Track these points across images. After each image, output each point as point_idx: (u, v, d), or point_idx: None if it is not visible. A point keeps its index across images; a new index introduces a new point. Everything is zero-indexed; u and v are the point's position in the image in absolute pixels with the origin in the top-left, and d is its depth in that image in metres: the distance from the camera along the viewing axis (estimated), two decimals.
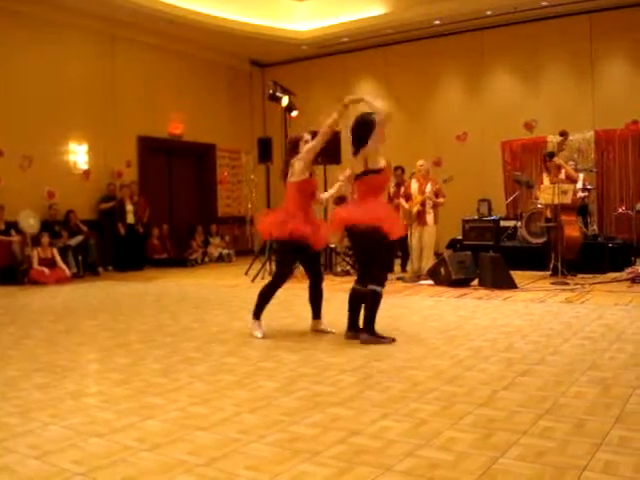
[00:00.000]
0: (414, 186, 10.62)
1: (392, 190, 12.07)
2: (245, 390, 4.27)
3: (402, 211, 11.06)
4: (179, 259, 14.56)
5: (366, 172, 5.72)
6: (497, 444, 3.13)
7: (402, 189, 11.44)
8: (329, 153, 11.83)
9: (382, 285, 5.75)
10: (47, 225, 12.37)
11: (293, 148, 6.18)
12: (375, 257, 5.75)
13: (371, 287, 5.67)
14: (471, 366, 4.72)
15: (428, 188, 10.46)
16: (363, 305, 5.78)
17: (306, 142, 6.15)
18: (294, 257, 6.24)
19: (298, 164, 6.03)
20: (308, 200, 6.15)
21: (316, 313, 6.32)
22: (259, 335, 6.02)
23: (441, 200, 10.48)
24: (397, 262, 11.79)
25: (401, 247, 11.51)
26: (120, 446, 3.26)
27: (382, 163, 5.80)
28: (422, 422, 3.50)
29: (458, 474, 2.81)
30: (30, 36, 12.77)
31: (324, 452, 3.10)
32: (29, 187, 12.44)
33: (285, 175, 6.16)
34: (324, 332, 6.23)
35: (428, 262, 10.42)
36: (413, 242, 10.52)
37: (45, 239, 11.75)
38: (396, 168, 12.09)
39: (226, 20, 14.78)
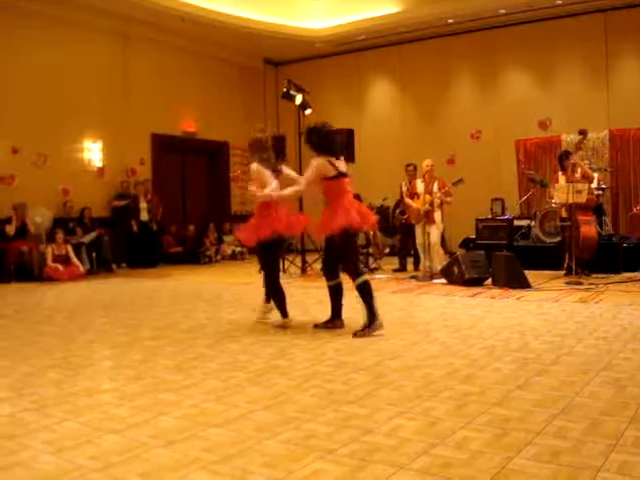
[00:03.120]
0: (420, 186, 10.60)
1: (405, 188, 12.06)
2: (259, 387, 4.28)
3: (410, 210, 11.06)
4: (192, 255, 14.57)
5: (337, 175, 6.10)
6: (512, 444, 3.12)
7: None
8: (344, 152, 11.86)
9: (364, 274, 6.19)
10: (61, 222, 12.44)
11: (261, 147, 6.51)
12: (349, 254, 6.20)
13: (359, 281, 6.04)
14: (485, 365, 4.71)
15: (435, 187, 10.43)
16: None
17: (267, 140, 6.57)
18: (272, 253, 6.54)
19: (258, 176, 6.39)
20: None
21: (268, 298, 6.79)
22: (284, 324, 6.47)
23: (449, 199, 10.45)
24: (410, 261, 11.77)
25: (414, 246, 11.49)
26: (135, 442, 3.27)
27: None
28: (436, 421, 3.49)
29: (473, 473, 2.81)
30: (45, 35, 12.84)
31: (338, 450, 3.11)
32: (44, 184, 12.51)
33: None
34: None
35: (439, 261, 10.39)
36: (420, 240, 10.50)
37: (59, 236, 11.81)
38: (408, 165, 12.06)
39: (240, 18, 14.79)
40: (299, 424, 3.50)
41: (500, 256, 9.37)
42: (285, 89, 11.64)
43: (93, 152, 13.78)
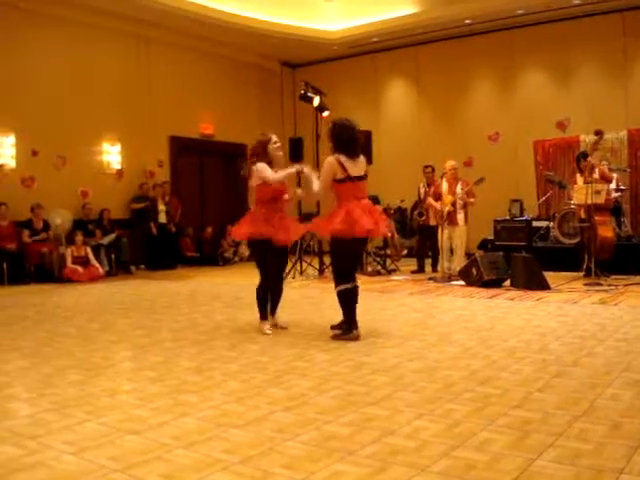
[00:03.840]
0: (444, 186, 10.58)
1: (422, 190, 12.05)
2: (279, 389, 4.28)
3: (432, 211, 11.04)
4: (211, 257, 14.61)
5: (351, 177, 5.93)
6: (533, 446, 3.11)
7: (432, 188, 11.41)
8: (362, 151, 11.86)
9: (348, 282, 5.93)
10: (81, 224, 12.53)
11: (264, 150, 6.39)
12: (336, 261, 6.11)
13: (338, 288, 5.93)
14: (505, 367, 4.69)
15: (458, 188, 10.41)
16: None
17: (274, 143, 6.39)
18: (264, 254, 6.36)
19: (258, 174, 6.29)
20: (270, 202, 6.38)
21: (272, 310, 6.59)
22: (269, 331, 6.26)
23: (472, 200, 10.43)
24: (428, 262, 11.76)
25: (432, 247, 11.48)
26: (156, 443, 3.29)
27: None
28: (457, 423, 3.48)
29: (494, 475, 2.80)
30: (65, 38, 12.94)
31: (359, 451, 3.10)
32: (63, 186, 12.62)
33: (249, 174, 6.47)
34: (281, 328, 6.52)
35: (459, 262, 10.38)
36: (443, 242, 10.48)
37: (79, 238, 11.91)
38: (426, 167, 12.05)
39: (257, 21, 14.83)
40: (319, 425, 3.51)
41: (519, 257, 9.34)
42: (303, 91, 11.65)
43: (112, 154, 13.86)
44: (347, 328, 5.91)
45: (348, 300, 5.92)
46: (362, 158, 6.08)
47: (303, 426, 3.50)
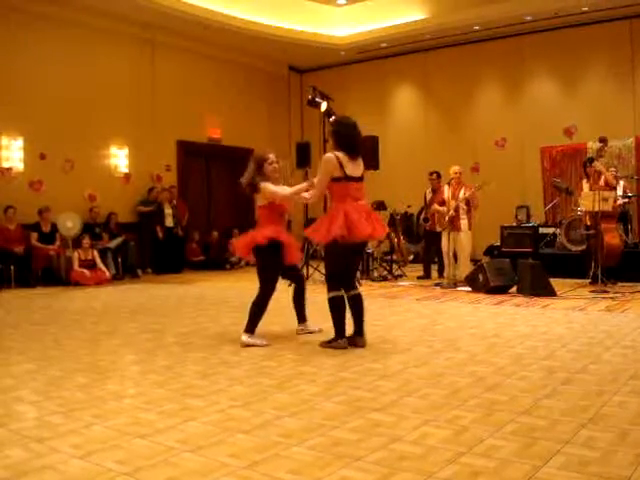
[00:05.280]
0: (447, 191, 10.58)
1: (429, 196, 12.04)
2: (285, 394, 4.29)
3: (437, 216, 11.04)
4: (217, 262, 14.63)
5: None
6: (540, 453, 3.10)
7: (439, 195, 11.41)
8: (368, 159, 11.85)
9: (331, 290, 5.82)
10: (88, 227, 12.56)
11: (259, 167, 6.23)
12: (331, 266, 5.92)
13: (329, 295, 5.82)
14: (512, 373, 4.69)
15: (461, 194, 10.41)
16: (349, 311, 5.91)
17: (270, 164, 6.24)
18: (276, 264, 6.21)
19: (264, 193, 6.13)
20: (278, 218, 6.30)
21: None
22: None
23: (473, 207, 10.41)
24: (435, 268, 11.75)
25: (438, 253, 11.47)
26: (163, 447, 3.29)
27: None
28: (463, 429, 3.48)
29: None
30: (73, 42, 13.00)
31: (365, 457, 3.10)
32: (71, 190, 12.68)
33: (252, 189, 6.24)
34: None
35: (465, 268, 10.36)
36: (445, 248, 10.47)
37: (86, 241, 11.95)
38: (432, 173, 12.04)
39: (265, 26, 14.87)
40: (325, 431, 3.51)
41: (525, 264, 9.32)
42: (310, 96, 11.65)
43: (119, 158, 13.91)
44: (336, 335, 5.76)
45: (338, 308, 5.75)
46: (360, 160, 5.89)
47: (309, 431, 3.50)
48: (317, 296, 6.28)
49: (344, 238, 5.60)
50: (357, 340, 5.84)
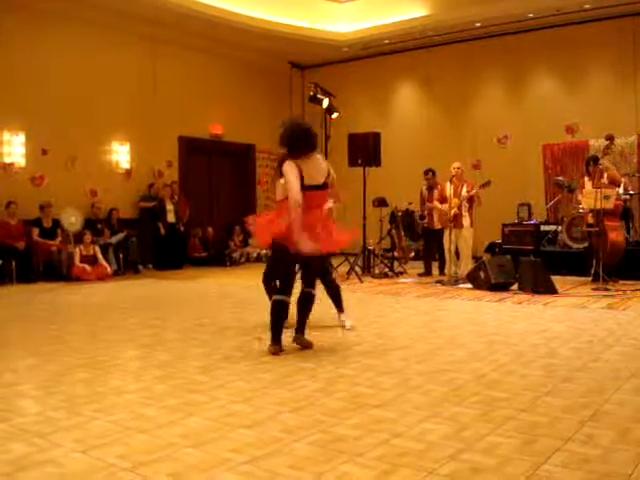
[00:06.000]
0: (449, 189, 10.56)
1: (425, 193, 12.02)
2: (285, 390, 4.29)
3: (437, 214, 11.04)
4: (218, 258, 14.64)
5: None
6: (540, 450, 3.11)
7: (435, 192, 11.41)
8: (370, 156, 11.87)
9: (275, 293, 5.56)
10: (90, 223, 12.56)
11: (280, 165, 5.82)
12: (274, 268, 5.78)
13: (273, 298, 5.55)
14: (512, 371, 4.69)
15: (464, 191, 10.41)
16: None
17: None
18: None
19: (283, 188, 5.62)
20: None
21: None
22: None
23: (477, 205, 10.43)
24: (435, 265, 11.75)
25: (438, 250, 11.47)
26: (164, 442, 3.30)
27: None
28: (464, 426, 3.48)
29: (501, 479, 2.80)
30: (75, 38, 12.97)
31: (366, 453, 3.11)
32: (73, 185, 12.67)
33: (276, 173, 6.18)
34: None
35: (466, 266, 10.37)
36: (447, 245, 10.47)
37: (87, 237, 11.93)
38: (427, 171, 12.01)
39: (267, 22, 14.83)
40: (326, 427, 3.51)
41: (527, 261, 9.32)
42: (312, 93, 11.65)
43: (121, 154, 13.90)
44: (272, 339, 5.42)
45: (276, 314, 5.43)
46: (322, 161, 5.58)
47: (310, 427, 3.50)
48: (318, 293, 6.25)
49: (285, 240, 5.27)
50: (298, 339, 5.63)
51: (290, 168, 5.32)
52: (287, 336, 5.75)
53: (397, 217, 12.51)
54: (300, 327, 5.66)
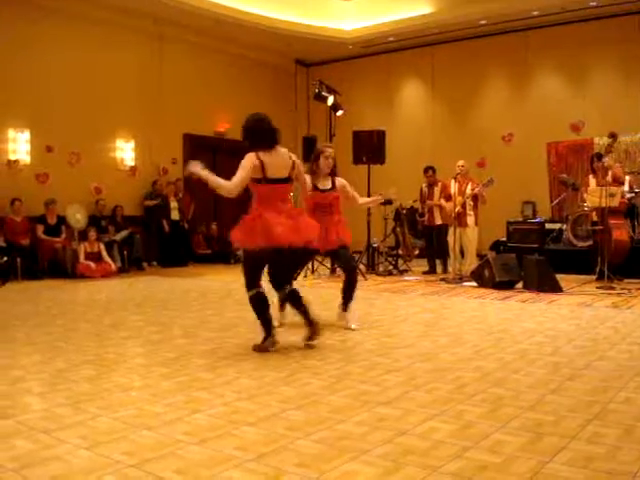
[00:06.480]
0: (454, 187, 10.55)
1: (425, 191, 12.00)
2: (290, 387, 4.29)
3: (442, 212, 11.03)
4: (222, 255, 14.64)
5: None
6: (546, 448, 3.10)
7: (435, 189, 11.41)
8: (375, 153, 11.87)
9: (248, 290, 5.63)
10: (94, 220, 12.59)
11: (316, 158, 6.60)
12: (244, 265, 5.82)
13: (248, 294, 5.64)
14: (517, 369, 4.69)
15: (468, 189, 10.40)
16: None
17: (326, 158, 6.53)
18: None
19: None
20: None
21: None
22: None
23: (481, 203, 10.42)
24: (439, 262, 11.74)
25: (440, 247, 11.46)
26: (170, 439, 3.30)
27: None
28: (469, 424, 3.48)
29: (506, 477, 2.80)
30: (80, 35, 13.00)
31: (371, 451, 3.11)
32: (77, 182, 12.71)
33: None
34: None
35: (471, 264, 10.37)
36: (451, 243, 10.47)
37: (92, 234, 11.97)
38: (427, 169, 11.99)
39: (272, 20, 14.85)
40: (332, 424, 3.51)
41: (531, 259, 9.31)
42: (317, 90, 11.67)
43: (126, 151, 13.94)
44: (264, 334, 5.44)
45: (258, 306, 5.51)
46: (287, 156, 5.71)
47: (315, 425, 3.50)
48: (321, 290, 6.26)
49: (261, 246, 5.41)
50: (309, 332, 5.51)
51: (245, 161, 5.58)
52: (289, 334, 5.75)
53: (401, 215, 12.50)
54: (307, 320, 5.48)
